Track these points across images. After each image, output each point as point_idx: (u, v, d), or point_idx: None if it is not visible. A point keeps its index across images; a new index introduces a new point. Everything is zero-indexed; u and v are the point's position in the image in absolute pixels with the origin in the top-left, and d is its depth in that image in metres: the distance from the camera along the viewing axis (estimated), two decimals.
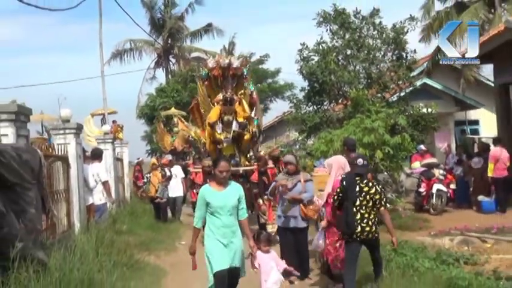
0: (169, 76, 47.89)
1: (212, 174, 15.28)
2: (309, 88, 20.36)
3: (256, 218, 16.17)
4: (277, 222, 11.71)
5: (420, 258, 10.21)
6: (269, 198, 13.28)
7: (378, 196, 8.77)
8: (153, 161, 21.68)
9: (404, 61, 20.07)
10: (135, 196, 23.02)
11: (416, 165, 19.00)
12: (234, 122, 15.74)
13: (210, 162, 15.58)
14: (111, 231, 12.35)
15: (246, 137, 16.26)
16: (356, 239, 8.71)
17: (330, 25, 20.26)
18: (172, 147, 27.73)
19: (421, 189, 17.67)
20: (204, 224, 8.22)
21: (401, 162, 15.92)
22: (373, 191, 8.78)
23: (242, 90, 16.76)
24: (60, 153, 11.74)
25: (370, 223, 8.71)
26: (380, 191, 8.87)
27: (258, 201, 15.52)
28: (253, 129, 16.53)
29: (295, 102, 21.27)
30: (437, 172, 17.89)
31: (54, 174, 11.17)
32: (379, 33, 19.97)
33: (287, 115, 27.25)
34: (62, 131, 12.73)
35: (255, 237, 8.75)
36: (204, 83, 16.82)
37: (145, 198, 20.82)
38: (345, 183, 8.97)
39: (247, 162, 16.48)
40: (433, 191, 17.29)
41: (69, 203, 12.08)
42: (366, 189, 8.78)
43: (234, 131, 15.79)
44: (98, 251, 10.07)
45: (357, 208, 8.68)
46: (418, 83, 22.94)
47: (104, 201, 14.49)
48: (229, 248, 7.90)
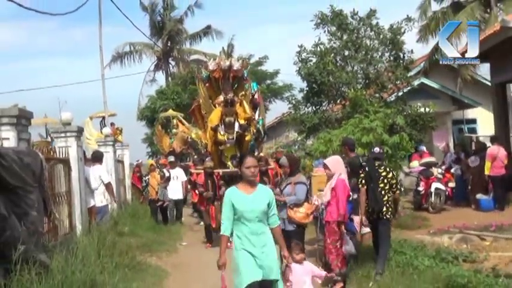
0: (169, 78, 47.95)
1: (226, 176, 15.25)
2: (307, 89, 20.46)
3: None
4: None
5: (419, 256, 10.28)
6: None
7: (394, 181, 10.12)
8: (151, 162, 21.50)
9: (401, 61, 20.18)
10: (137, 198, 23.02)
11: (415, 164, 19.08)
12: (236, 124, 15.84)
13: (212, 164, 15.61)
14: (113, 233, 12.39)
15: (247, 137, 16.37)
16: (371, 216, 10.08)
17: (328, 26, 20.37)
18: (171, 149, 27.77)
19: (420, 188, 17.72)
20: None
21: (400, 161, 15.99)
22: (390, 175, 10.13)
23: (243, 92, 16.83)
24: (61, 156, 11.79)
25: (388, 205, 9.96)
26: (396, 177, 10.38)
27: None
28: (253, 130, 16.60)
29: (294, 103, 21.37)
30: (436, 171, 17.94)
31: (56, 177, 11.21)
32: (376, 34, 20.07)
33: (286, 116, 27.31)
34: (63, 134, 12.79)
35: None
36: (205, 84, 16.91)
37: (145, 201, 20.67)
38: (367, 169, 10.28)
39: None
40: (432, 189, 17.35)
41: (71, 205, 12.11)
42: (384, 173, 10.11)
43: (237, 132, 15.89)
44: (100, 252, 10.10)
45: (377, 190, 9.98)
46: (416, 83, 23.00)
47: (106, 203, 14.54)
48: (260, 258, 6.84)
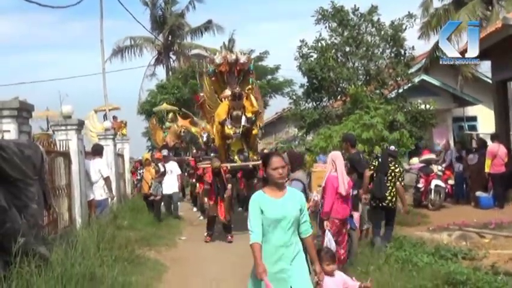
0: (170, 73, 47.93)
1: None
2: (308, 85, 20.47)
3: None
4: None
5: (419, 253, 10.29)
6: None
7: (399, 174, 11.71)
8: (146, 156, 20.65)
9: (402, 58, 20.19)
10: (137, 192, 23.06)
11: (415, 161, 19.11)
12: (243, 117, 15.74)
13: (219, 164, 15.51)
14: (112, 227, 12.37)
15: (254, 131, 16.38)
16: (379, 205, 11.64)
17: (329, 22, 20.36)
18: (164, 143, 27.86)
19: (420, 185, 17.74)
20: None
21: (400, 158, 16.00)
22: (397, 170, 11.73)
23: (249, 86, 16.81)
24: (61, 149, 11.79)
25: (392, 194, 11.54)
26: (402, 172, 12.25)
27: None
28: (260, 124, 16.58)
29: (295, 98, 21.39)
30: (436, 168, 17.96)
31: (56, 170, 11.23)
32: (378, 30, 20.06)
33: (286, 111, 27.36)
34: (63, 127, 12.79)
35: None
36: (210, 78, 16.88)
37: (136, 195, 20.33)
38: (380, 160, 12.08)
39: (255, 157, 16.44)
40: (432, 186, 17.37)
41: (71, 198, 12.13)
42: (392, 168, 11.68)
43: (244, 126, 15.80)
44: (99, 246, 10.10)
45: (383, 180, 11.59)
46: (416, 80, 23.03)
47: (105, 196, 14.54)
48: (288, 275, 6.05)
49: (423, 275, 8.79)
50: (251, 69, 17.10)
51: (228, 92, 16.20)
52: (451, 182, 18.36)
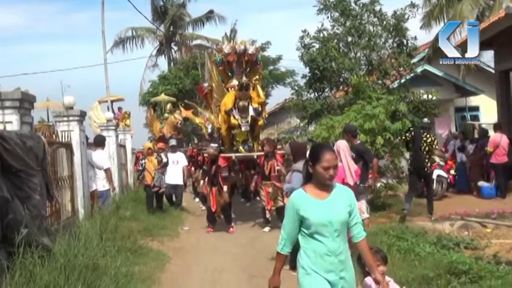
0: (172, 63, 47.88)
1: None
2: (310, 75, 20.43)
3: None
4: None
5: (421, 243, 10.29)
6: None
7: (431, 142, 14.43)
8: (148, 145, 20.04)
9: (405, 48, 20.13)
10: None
11: None
12: (250, 108, 15.69)
13: (216, 152, 15.53)
14: (115, 217, 12.36)
15: (260, 122, 16.33)
16: (415, 172, 14.54)
17: (331, 12, 20.29)
18: (161, 134, 27.84)
19: None
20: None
21: (402, 148, 15.99)
22: (429, 140, 14.46)
23: (257, 76, 16.76)
24: (64, 140, 11.80)
25: (427, 161, 14.38)
26: (435, 139, 14.84)
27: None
28: (266, 115, 16.54)
29: (297, 89, 21.34)
30: (438, 158, 17.95)
31: (58, 161, 11.24)
32: (380, 20, 20.01)
33: (288, 102, 27.26)
34: (65, 118, 12.80)
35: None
36: (218, 68, 16.79)
37: (139, 186, 19.71)
38: (413, 134, 14.73)
39: (259, 148, 16.33)
40: (434, 176, 17.36)
41: (73, 189, 12.14)
42: (424, 139, 14.43)
43: (251, 117, 15.76)
44: (102, 236, 10.15)
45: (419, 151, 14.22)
46: (419, 70, 22.97)
47: (108, 187, 14.59)
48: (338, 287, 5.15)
49: (425, 264, 8.80)
50: (259, 60, 17.04)
51: (234, 82, 16.08)
52: (453, 172, 18.36)
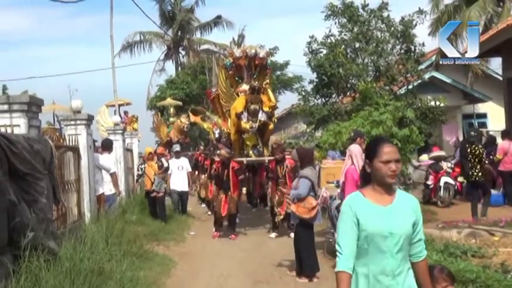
0: (179, 68, 47.97)
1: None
2: (317, 81, 20.42)
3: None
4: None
5: (428, 250, 10.18)
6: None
7: (481, 156, 14.76)
8: (149, 149, 18.98)
9: (412, 54, 20.10)
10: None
11: (424, 157, 19.05)
12: (261, 112, 15.57)
13: (226, 151, 15.45)
14: (121, 221, 12.39)
15: (270, 127, 16.23)
16: (470, 180, 15.11)
17: (339, 18, 20.29)
18: (168, 138, 27.87)
19: (429, 182, 17.71)
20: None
21: (409, 154, 15.95)
22: (477, 152, 14.73)
23: (267, 80, 16.72)
24: (71, 144, 11.81)
25: (477, 171, 14.69)
26: (483, 153, 14.94)
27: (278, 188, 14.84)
28: (275, 120, 16.47)
29: (304, 94, 21.32)
30: (445, 165, 17.91)
31: (65, 165, 11.24)
32: (388, 26, 19.99)
33: (295, 107, 27.23)
34: (73, 122, 12.82)
35: None
36: (228, 72, 16.75)
37: (136, 191, 18.90)
38: (461, 147, 15.60)
39: (268, 153, 16.22)
40: (441, 183, 17.33)
41: (80, 193, 12.16)
42: (473, 151, 14.75)
43: (260, 121, 15.63)
44: (108, 240, 10.15)
45: (470, 162, 14.75)
46: (426, 76, 22.92)
47: (114, 191, 14.59)
48: None
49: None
50: (269, 64, 17.00)
51: (244, 86, 16.02)
52: (461, 179, 18.29)
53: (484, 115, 28.74)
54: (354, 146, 10.27)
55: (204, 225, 17.04)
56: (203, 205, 21.06)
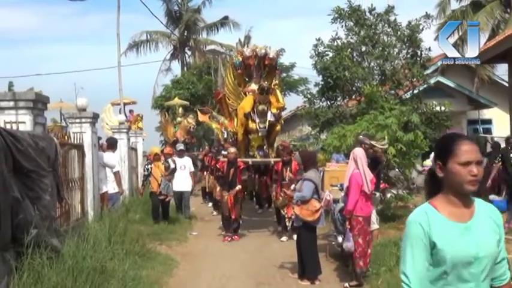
0: (185, 68, 48.06)
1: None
2: (322, 83, 20.36)
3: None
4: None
5: None
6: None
7: None
8: (155, 149, 17.93)
9: (418, 59, 20.05)
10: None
11: (428, 162, 19.02)
12: (269, 112, 15.48)
13: (235, 149, 15.33)
14: (124, 220, 12.33)
15: (277, 128, 16.28)
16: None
17: (345, 21, 20.26)
18: (174, 138, 27.92)
19: None
20: None
21: (414, 159, 15.93)
22: None
23: (276, 81, 16.65)
24: (75, 142, 11.82)
25: None
26: None
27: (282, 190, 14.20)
28: (282, 121, 16.39)
29: (309, 97, 21.27)
30: None
31: (70, 162, 11.26)
32: (394, 30, 19.95)
33: (300, 109, 27.23)
34: (78, 120, 12.83)
35: None
36: (237, 71, 16.68)
37: (143, 193, 17.88)
38: (502, 154, 16.01)
39: (273, 155, 16.16)
40: None
41: (84, 191, 12.17)
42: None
43: (269, 121, 15.54)
44: (111, 239, 10.17)
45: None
46: (432, 81, 22.88)
47: (118, 190, 14.62)
48: None
49: None
50: (279, 64, 16.94)
51: (253, 86, 15.92)
52: None
53: (489, 121, 28.73)
54: (358, 149, 10.19)
55: (206, 226, 17.05)
56: (210, 204, 20.99)
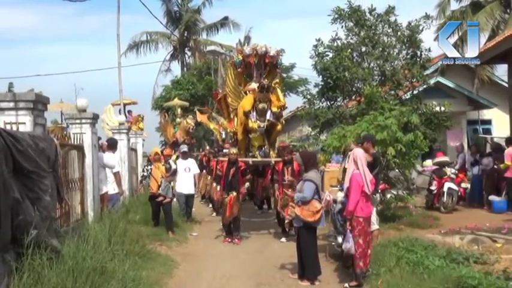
0: (185, 69, 48.10)
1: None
2: (322, 84, 20.34)
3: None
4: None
5: (430, 256, 10.23)
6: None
7: None
8: (156, 150, 17.10)
9: (418, 59, 20.04)
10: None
11: (428, 163, 19.06)
12: (269, 111, 15.35)
13: (236, 150, 15.24)
14: (124, 221, 12.35)
15: (278, 127, 16.10)
16: None
17: (345, 22, 20.24)
18: (174, 139, 27.91)
19: (433, 187, 17.72)
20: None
21: (413, 159, 15.93)
22: None
23: (277, 80, 16.61)
24: (75, 143, 11.82)
25: None
26: None
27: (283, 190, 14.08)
28: (283, 121, 16.28)
29: (309, 97, 21.25)
30: (449, 171, 17.90)
31: (70, 163, 11.26)
32: (394, 31, 19.94)
33: (300, 110, 27.22)
34: (78, 121, 12.83)
35: None
36: (237, 69, 16.56)
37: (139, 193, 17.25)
38: None
39: (274, 155, 16.01)
40: (444, 189, 17.33)
41: (84, 191, 12.17)
42: None
43: (269, 120, 15.44)
44: (111, 240, 10.17)
45: None
46: (432, 81, 22.86)
47: (118, 190, 14.61)
48: None
49: (434, 278, 8.75)
50: (279, 63, 16.86)
51: (253, 85, 15.82)
52: (464, 185, 18.27)
53: (488, 121, 28.71)
54: (358, 150, 10.17)
55: (207, 226, 17.04)
56: (210, 205, 20.96)
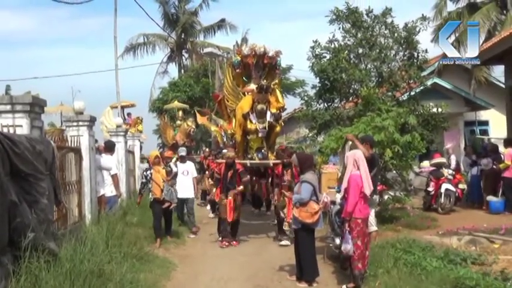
0: (182, 71, 48.10)
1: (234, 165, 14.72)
2: (320, 85, 20.36)
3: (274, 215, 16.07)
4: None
5: (428, 257, 10.24)
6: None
7: None
8: (155, 153, 15.91)
9: (415, 60, 20.06)
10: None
11: (426, 164, 19.06)
12: (268, 113, 15.18)
13: (233, 154, 15.14)
14: (122, 223, 12.33)
15: (277, 129, 16.02)
16: None
17: (343, 23, 20.26)
18: (174, 141, 27.91)
19: (430, 189, 17.69)
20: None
21: (411, 161, 15.93)
22: None
23: (276, 81, 16.53)
24: (73, 145, 11.81)
25: None
26: None
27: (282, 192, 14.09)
28: (282, 123, 16.22)
29: (306, 99, 21.28)
30: (446, 172, 17.89)
31: (67, 166, 11.26)
32: (391, 32, 19.96)
33: (298, 112, 27.23)
34: (75, 123, 12.83)
35: None
36: (235, 70, 16.45)
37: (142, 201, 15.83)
38: None
39: (273, 157, 15.82)
40: (442, 190, 17.31)
41: (81, 194, 12.17)
42: None
43: (268, 122, 15.25)
44: (108, 242, 10.17)
45: None
46: (429, 83, 22.86)
47: (115, 193, 14.58)
48: None
49: (432, 279, 8.76)
50: (278, 64, 16.79)
51: (252, 86, 15.73)
52: (462, 186, 18.27)
53: (485, 122, 28.74)
54: (358, 151, 10.18)
55: (205, 228, 17.01)
56: (208, 207, 20.91)
